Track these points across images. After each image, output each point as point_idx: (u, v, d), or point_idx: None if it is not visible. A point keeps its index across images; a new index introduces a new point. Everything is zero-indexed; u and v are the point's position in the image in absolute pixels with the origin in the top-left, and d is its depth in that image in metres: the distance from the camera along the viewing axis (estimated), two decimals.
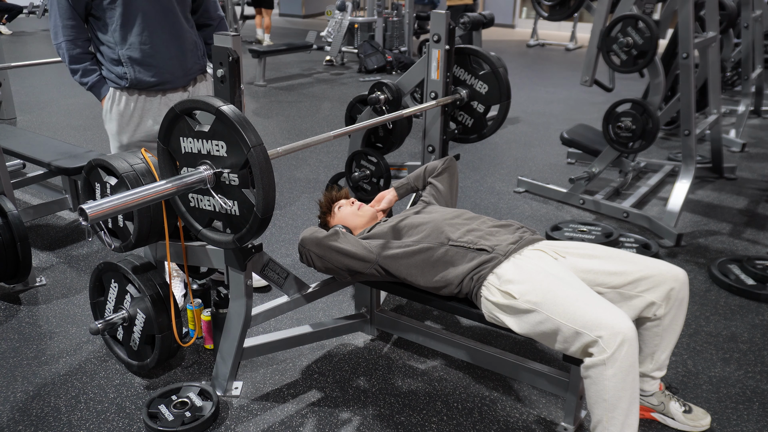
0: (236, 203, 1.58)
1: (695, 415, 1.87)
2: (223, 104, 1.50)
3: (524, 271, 1.67)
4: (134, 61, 2.20)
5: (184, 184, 1.55)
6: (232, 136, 1.50)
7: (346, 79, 7.58)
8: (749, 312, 2.52)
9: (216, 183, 1.59)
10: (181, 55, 2.28)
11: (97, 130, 5.09)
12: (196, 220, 1.72)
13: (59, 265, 2.85)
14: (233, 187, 1.57)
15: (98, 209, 1.34)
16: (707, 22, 3.76)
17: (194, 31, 2.35)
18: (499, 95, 2.28)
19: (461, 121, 2.42)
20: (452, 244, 1.79)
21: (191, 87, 2.37)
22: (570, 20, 10.13)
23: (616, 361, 1.44)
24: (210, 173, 1.57)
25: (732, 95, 5.87)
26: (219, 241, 1.68)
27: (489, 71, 2.28)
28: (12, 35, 10.36)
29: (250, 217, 1.55)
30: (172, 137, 1.64)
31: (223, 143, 1.53)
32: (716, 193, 3.87)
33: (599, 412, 1.50)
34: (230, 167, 1.55)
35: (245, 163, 1.50)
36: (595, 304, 1.53)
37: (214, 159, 1.57)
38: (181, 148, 1.64)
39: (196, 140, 1.59)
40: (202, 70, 2.41)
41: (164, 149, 1.68)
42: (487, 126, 2.38)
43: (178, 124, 1.61)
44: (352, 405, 1.97)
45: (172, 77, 2.28)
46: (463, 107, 2.38)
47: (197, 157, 1.61)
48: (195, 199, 1.69)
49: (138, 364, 2.06)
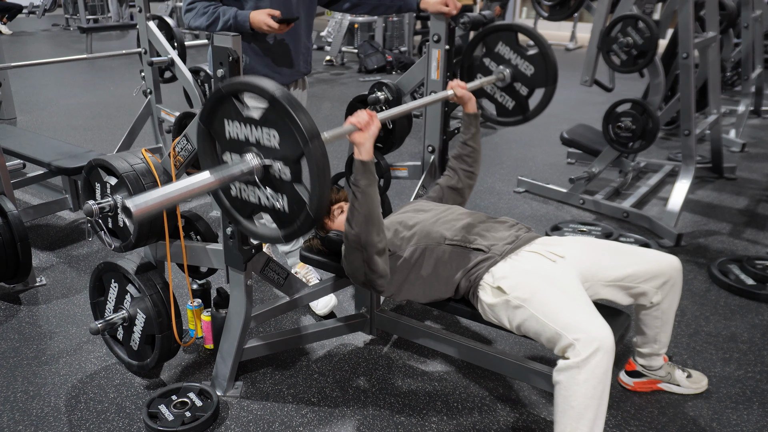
0: (286, 198, 1.42)
1: (695, 378, 2.04)
2: (279, 90, 1.34)
3: (518, 269, 1.68)
4: (253, 50, 2.25)
5: (230, 177, 1.40)
6: (287, 126, 1.33)
7: (346, 79, 7.58)
8: (749, 312, 2.52)
9: (264, 174, 1.43)
10: (296, 56, 2.35)
11: (98, 130, 5.10)
12: (237, 210, 1.56)
13: (59, 265, 2.85)
14: (284, 180, 1.40)
15: (144, 206, 1.20)
16: (707, 22, 3.76)
17: (310, 38, 2.42)
18: (546, 78, 2.12)
19: (502, 103, 2.24)
20: (448, 243, 1.78)
21: (293, 87, 2.43)
22: (570, 20, 10.13)
23: (588, 366, 1.43)
24: (259, 164, 1.41)
25: (732, 95, 5.87)
26: (264, 236, 1.54)
27: (537, 52, 2.12)
28: (12, 35, 10.37)
29: (301, 215, 1.40)
30: (216, 119, 1.48)
31: (276, 132, 1.37)
32: (716, 193, 3.87)
33: (564, 422, 1.47)
34: (282, 159, 1.38)
35: (299, 157, 1.35)
36: (579, 309, 1.53)
37: (263, 148, 1.41)
38: (225, 132, 1.47)
39: (243, 125, 1.43)
40: (306, 74, 2.47)
41: (205, 131, 1.51)
42: (529, 109, 2.20)
43: (224, 105, 1.46)
44: (352, 405, 1.97)
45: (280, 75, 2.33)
46: (504, 88, 2.22)
47: (243, 144, 1.44)
48: (237, 188, 1.53)
49: (138, 364, 2.06)
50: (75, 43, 9.84)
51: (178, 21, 8.63)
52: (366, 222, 1.66)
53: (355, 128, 1.61)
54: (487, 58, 2.21)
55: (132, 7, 11.52)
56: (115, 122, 5.29)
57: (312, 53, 2.47)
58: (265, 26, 2.08)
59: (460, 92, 2.01)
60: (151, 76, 3.41)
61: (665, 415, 1.94)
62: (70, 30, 11.52)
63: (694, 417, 1.93)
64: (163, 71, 3.55)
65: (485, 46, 2.20)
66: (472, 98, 2.04)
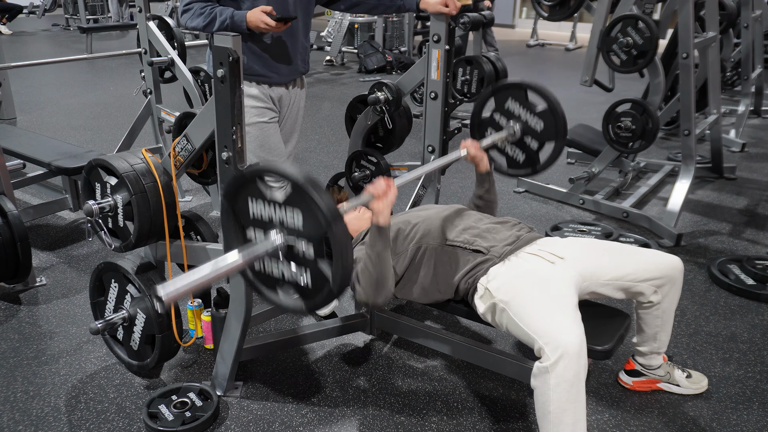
0: (308, 273, 1.44)
1: (695, 379, 2.04)
2: (301, 177, 1.36)
3: (511, 272, 1.68)
4: (251, 50, 2.24)
5: (258, 256, 1.43)
6: (310, 207, 1.36)
7: (346, 79, 7.58)
8: (749, 312, 2.52)
9: (288, 252, 1.45)
10: (293, 55, 2.33)
11: (98, 130, 5.10)
12: (261, 283, 1.56)
13: (59, 265, 2.85)
14: (307, 258, 1.42)
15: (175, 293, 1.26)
16: (707, 22, 3.76)
17: (308, 37, 2.40)
18: (556, 133, 2.15)
19: (512, 156, 2.28)
20: (448, 244, 1.78)
21: (291, 87, 2.42)
22: (570, 20, 10.13)
23: (556, 370, 1.44)
24: (283, 243, 1.43)
25: (732, 95, 5.86)
26: (289, 307, 1.55)
27: (546, 109, 2.14)
28: (12, 35, 10.36)
29: (323, 290, 1.42)
30: (239, 198, 1.49)
31: (300, 213, 1.39)
32: (716, 193, 3.87)
33: (545, 426, 1.50)
34: (305, 238, 1.40)
35: (322, 236, 1.37)
36: (554, 313, 1.54)
37: (286, 228, 1.43)
38: (249, 211, 1.49)
39: (267, 205, 1.44)
40: (304, 73, 2.46)
41: (228, 208, 1.52)
42: (540, 162, 2.24)
43: (248, 186, 1.48)
44: (352, 405, 1.97)
45: (277, 74, 2.32)
46: (515, 142, 2.25)
47: (267, 223, 1.46)
48: (262, 262, 1.53)
49: (138, 364, 2.06)
50: (75, 43, 9.83)
51: (177, 21, 8.63)
52: (376, 285, 1.68)
53: (373, 197, 1.64)
54: (498, 113, 2.22)
55: (132, 7, 11.52)
56: (115, 122, 5.29)
57: (310, 52, 2.47)
58: (262, 25, 2.07)
59: (473, 152, 2.02)
60: (151, 76, 3.41)
61: (665, 415, 1.94)
62: (70, 30, 11.52)
63: (694, 417, 1.93)
64: (163, 71, 3.55)
65: (496, 102, 2.21)
66: (484, 157, 2.06)
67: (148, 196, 1.85)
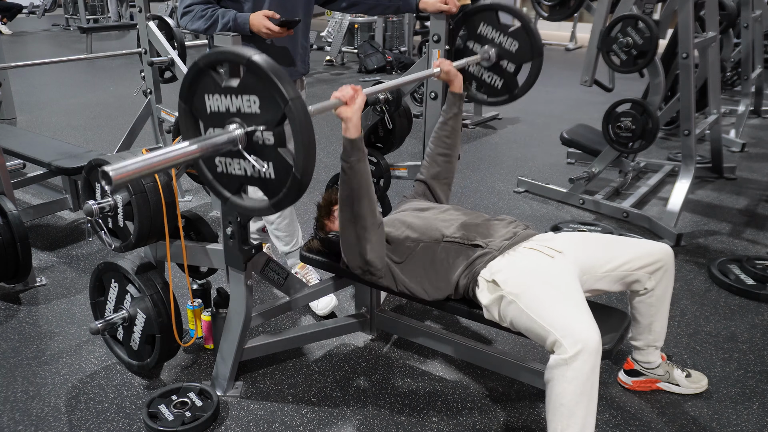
0: (271, 165, 1.40)
1: (695, 378, 2.03)
2: (256, 53, 1.32)
3: (514, 265, 1.69)
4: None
5: (212, 145, 1.36)
6: (266, 89, 1.32)
7: (346, 79, 7.58)
8: (749, 312, 2.52)
9: (248, 143, 1.40)
10: (293, 56, 2.32)
11: (98, 130, 5.10)
12: (225, 187, 1.53)
13: (59, 265, 2.85)
14: (268, 146, 1.38)
15: (123, 171, 1.18)
16: (707, 22, 3.76)
17: (308, 38, 2.40)
18: (531, 52, 2.14)
19: (490, 83, 2.25)
20: (446, 240, 1.78)
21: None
22: (570, 20, 10.13)
23: (575, 364, 1.45)
24: (241, 132, 1.39)
25: (732, 95, 5.87)
26: (253, 208, 1.51)
27: (519, 27, 2.12)
28: (12, 35, 10.37)
29: (288, 180, 1.37)
30: (195, 96, 1.46)
31: (256, 98, 1.35)
32: (716, 193, 3.87)
33: (556, 420, 1.49)
34: (264, 124, 1.36)
35: (281, 119, 1.33)
36: (569, 307, 1.54)
37: (244, 116, 1.39)
38: (206, 107, 1.45)
39: (223, 97, 1.41)
40: (304, 74, 2.45)
41: (186, 109, 1.49)
42: (518, 86, 2.21)
43: (203, 80, 1.44)
44: (352, 405, 1.97)
45: None
46: (491, 67, 2.22)
47: (225, 116, 1.42)
48: (223, 163, 1.50)
49: (138, 364, 2.06)
50: (75, 43, 9.84)
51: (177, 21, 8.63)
52: (358, 194, 1.64)
53: (341, 102, 1.58)
54: (471, 41, 2.19)
55: (132, 7, 11.53)
56: (115, 122, 5.29)
57: (310, 53, 2.46)
58: (264, 30, 2.06)
59: (447, 68, 1.98)
60: (151, 76, 3.41)
61: (665, 415, 1.94)
62: (70, 30, 11.53)
63: (694, 417, 1.93)
64: (163, 71, 3.55)
65: (467, 29, 2.18)
66: (458, 76, 2.02)
67: (148, 196, 1.85)
